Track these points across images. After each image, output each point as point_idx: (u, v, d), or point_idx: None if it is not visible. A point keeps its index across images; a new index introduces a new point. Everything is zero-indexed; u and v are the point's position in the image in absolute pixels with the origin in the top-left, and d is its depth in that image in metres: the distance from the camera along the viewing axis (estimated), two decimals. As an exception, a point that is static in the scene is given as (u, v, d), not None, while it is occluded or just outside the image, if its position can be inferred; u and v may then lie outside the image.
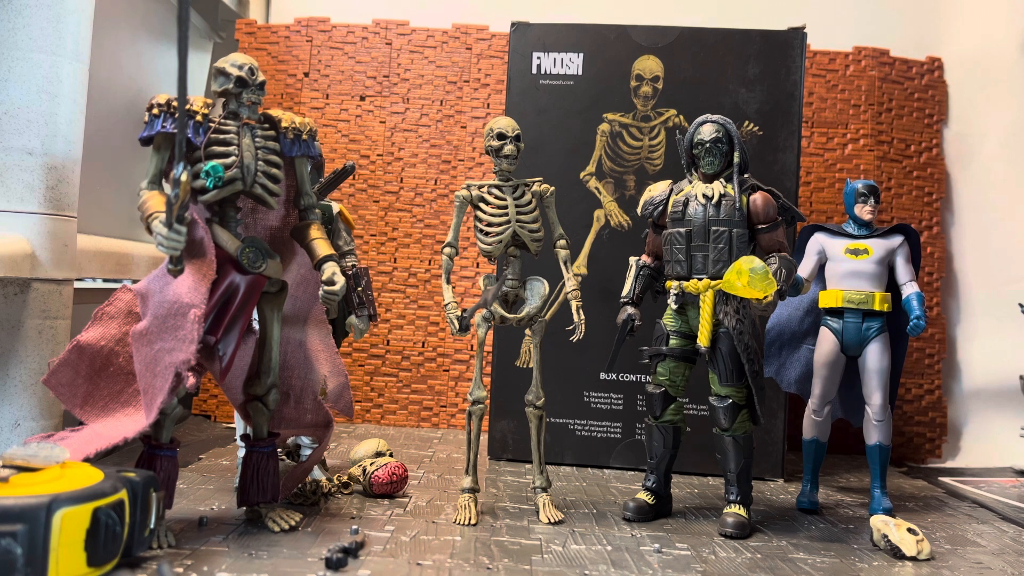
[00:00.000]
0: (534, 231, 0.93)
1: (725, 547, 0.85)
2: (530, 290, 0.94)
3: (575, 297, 0.94)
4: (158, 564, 0.67)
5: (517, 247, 0.94)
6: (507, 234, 0.92)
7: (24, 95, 0.95)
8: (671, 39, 1.27)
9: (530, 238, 0.93)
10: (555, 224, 0.96)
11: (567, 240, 0.96)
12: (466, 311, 0.89)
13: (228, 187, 0.78)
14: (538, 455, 0.95)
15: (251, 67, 0.81)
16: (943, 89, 1.60)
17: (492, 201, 0.93)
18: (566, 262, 0.95)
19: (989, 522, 1.03)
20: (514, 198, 0.93)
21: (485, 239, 0.93)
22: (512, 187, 0.94)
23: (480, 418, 0.93)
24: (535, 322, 0.94)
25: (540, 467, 0.95)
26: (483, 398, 0.93)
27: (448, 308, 0.90)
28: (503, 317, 0.93)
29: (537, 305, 0.93)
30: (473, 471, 0.93)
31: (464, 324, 0.89)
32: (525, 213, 0.93)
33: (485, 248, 0.93)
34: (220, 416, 1.52)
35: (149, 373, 0.74)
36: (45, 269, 0.95)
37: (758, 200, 0.93)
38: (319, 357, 0.91)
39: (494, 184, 0.94)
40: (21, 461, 0.63)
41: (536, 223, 0.94)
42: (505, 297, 0.94)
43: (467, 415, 0.93)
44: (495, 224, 0.92)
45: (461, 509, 0.90)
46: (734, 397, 0.92)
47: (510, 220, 0.92)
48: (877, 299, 1.04)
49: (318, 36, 1.60)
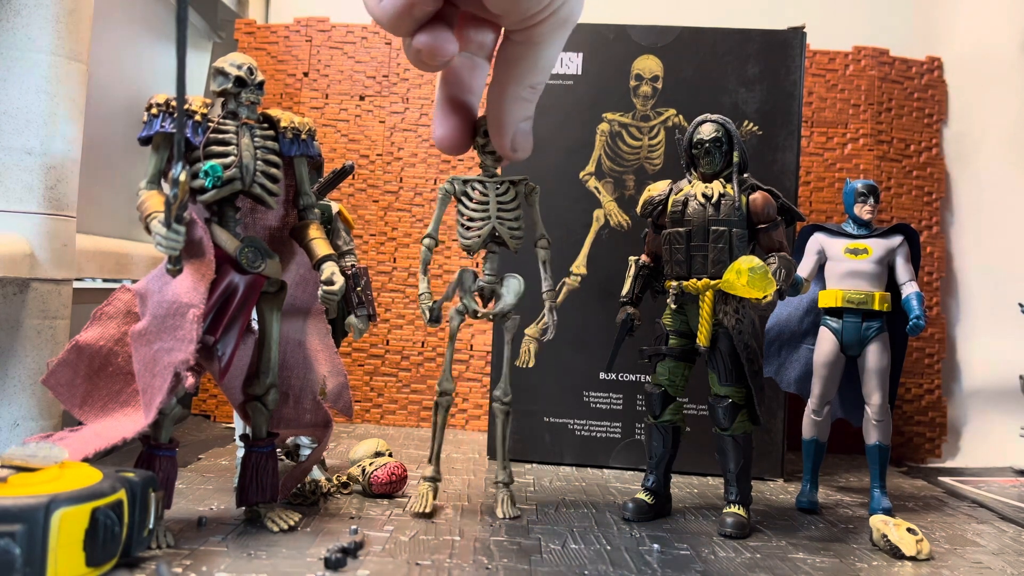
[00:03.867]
0: (514, 228, 0.94)
1: (725, 547, 0.85)
2: (506, 287, 0.95)
3: (550, 298, 0.95)
4: (157, 564, 0.67)
5: (496, 243, 0.94)
6: (486, 230, 0.93)
7: (23, 95, 0.95)
8: (671, 39, 1.27)
9: (509, 235, 0.93)
10: (538, 223, 0.97)
11: (548, 240, 0.97)
12: (436, 302, 0.92)
13: (227, 187, 0.78)
14: (502, 451, 0.96)
15: (250, 67, 0.81)
16: (943, 89, 1.60)
17: (474, 196, 0.94)
18: (545, 262, 0.96)
19: (989, 522, 1.03)
20: (496, 194, 0.94)
21: (465, 234, 0.93)
22: (496, 183, 0.94)
23: (446, 410, 0.95)
24: (508, 318, 0.95)
25: (504, 463, 0.96)
26: (450, 390, 0.95)
27: (422, 298, 0.92)
28: (475, 311, 0.94)
29: (511, 302, 0.94)
30: (436, 461, 0.94)
31: (435, 315, 0.92)
32: (506, 210, 0.94)
33: (464, 242, 0.93)
34: (219, 416, 1.52)
35: (148, 373, 0.74)
36: (44, 269, 0.95)
37: (758, 200, 0.93)
38: (318, 357, 0.91)
39: (478, 179, 0.94)
40: (20, 461, 0.63)
41: (517, 220, 0.94)
42: (481, 292, 0.95)
43: (434, 406, 0.95)
44: (476, 219, 0.93)
45: (419, 497, 0.91)
46: (734, 397, 0.92)
47: (490, 216, 0.93)
48: (877, 299, 1.04)
49: (317, 36, 1.60)
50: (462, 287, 0.94)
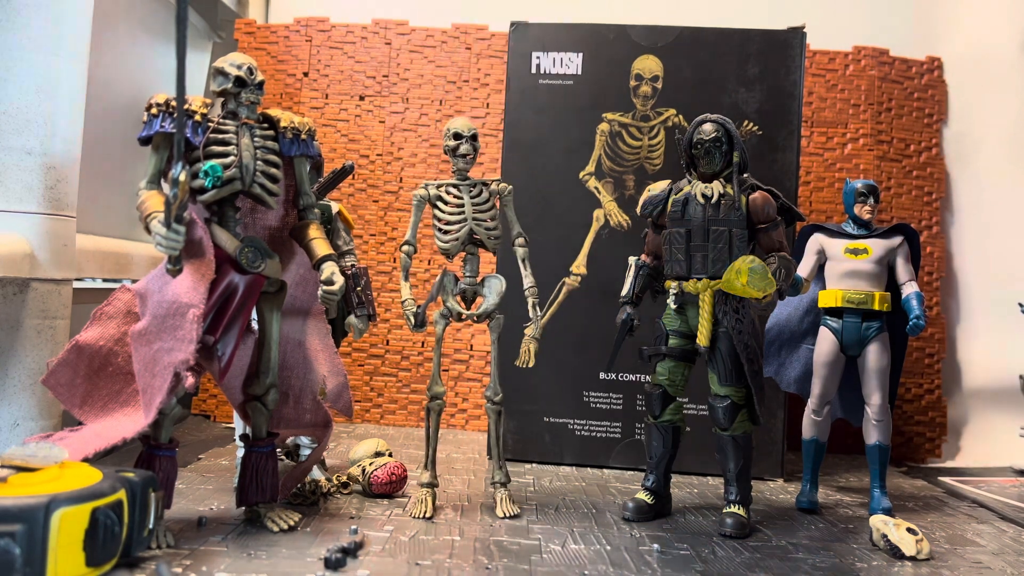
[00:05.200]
0: (491, 229, 0.94)
1: (725, 547, 0.85)
2: (488, 287, 0.95)
3: (532, 295, 0.95)
4: (157, 564, 0.67)
5: (474, 245, 0.95)
6: (464, 232, 0.93)
7: (23, 95, 0.95)
8: (671, 39, 1.27)
9: (487, 236, 0.94)
10: (514, 222, 0.98)
11: (526, 239, 0.97)
12: (419, 307, 0.92)
13: (227, 187, 0.78)
14: (498, 450, 0.96)
15: (250, 67, 0.81)
16: (943, 89, 1.60)
17: (449, 200, 0.95)
18: (524, 260, 0.97)
19: (989, 522, 1.03)
20: (471, 197, 0.95)
21: (443, 237, 0.94)
22: (469, 186, 0.95)
23: (439, 414, 0.95)
24: (492, 319, 0.95)
25: (500, 462, 0.96)
26: (441, 394, 0.95)
27: (405, 305, 0.93)
28: (460, 314, 0.94)
29: (494, 302, 0.94)
30: (432, 466, 0.94)
31: (420, 321, 0.92)
32: (482, 212, 0.94)
33: (443, 246, 0.94)
34: (219, 416, 1.52)
35: (148, 373, 0.74)
36: (44, 269, 0.95)
37: (757, 200, 0.93)
38: (318, 357, 0.91)
39: (452, 183, 0.95)
40: (20, 461, 0.63)
41: (493, 221, 0.95)
42: (464, 294, 0.95)
43: (425, 411, 0.95)
44: (452, 223, 0.94)
45: (419, 503, 0.91)
46: (733, 397, 0.92)
47: (467, 219, 0.93)
48: (876, 299, 1.04)
49: (317, 36, 1.60)
50: (444, 290, 0.94)
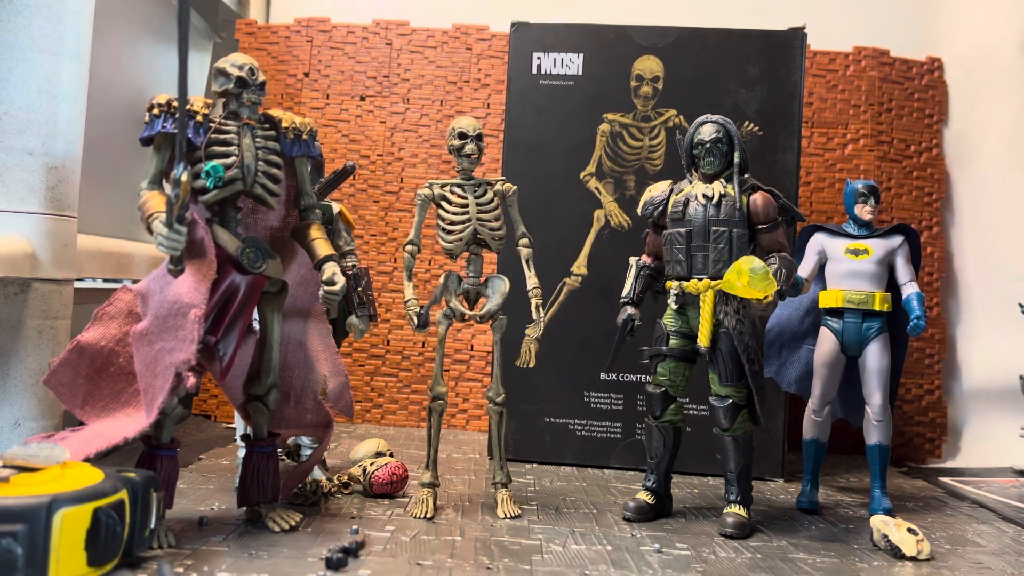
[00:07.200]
0: (495, 229, 0.95)
1: (725, 547, 0.85)
2: (491, 288, 0.95)
3: (536, 296, 0.95)
4: (158, 564, 0.67)
5: (478, 245, 0.95)
6: (468, 232, 0.93)
7: (24, 95, 0.95)
8: (671, 39, 1.27)
9: (491, 236, 0.94)
10: (518, 222, 0.98)
11: (530, 239, 0.97)
12: (423, 307, 0.92)
13: (228, 187, 0.78)
14: (499, 451, 0.96)
15: (251, 67, 0.81)
16: (943, 89, 1.60)
17: (453, 200, 0.95)
18: (528, 260, 0.97)
19: (989, 522, 1.03)
20: (475, 197, 0.95)
21: (446, 237, 0.94)
22: (474, 186, 0.95)
23: (440, 414, 0.95)
24: (496, 319, 0.95)
25: (501, 463, 0.96)
26: (443, 394, 0.95)
27: (408, 305, 0.93)
28: (463, 314, 0.94)
29: (498, 302, 0.94)
30: (433, 466, 0.94)
31: (423, 321, 0.92)
32: (486, 212, 0.94)
33: (446, 246, 0.94)
34: (220, 416, 1.52)
35: (149, 373, 0.74)
36: (45, 269, 0.95)
37: (758, 200, 0.93)
38: (319, 357, 0.91)
39: (456, 183, 0.95)
40: (21, 461, 0.63)
41: (498, 221, 0.95)
42: (467, 295, 0.95)
43: (427, 411, 0.95)
44: (456, 223, 0.94)
45: (419, 503, 0.91)
46: (734, 397, 0.92)
47: (471, 219, 0.94)
48: (877, 299, 1.04)
49: (318, 36, 1.60)
50: (447, 291, 0.94)
